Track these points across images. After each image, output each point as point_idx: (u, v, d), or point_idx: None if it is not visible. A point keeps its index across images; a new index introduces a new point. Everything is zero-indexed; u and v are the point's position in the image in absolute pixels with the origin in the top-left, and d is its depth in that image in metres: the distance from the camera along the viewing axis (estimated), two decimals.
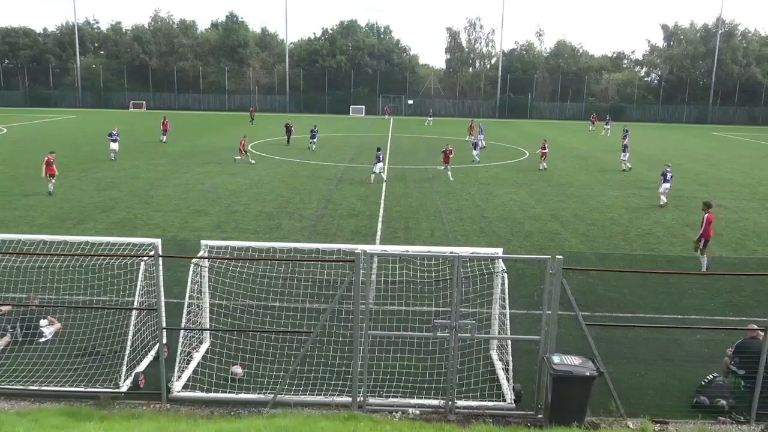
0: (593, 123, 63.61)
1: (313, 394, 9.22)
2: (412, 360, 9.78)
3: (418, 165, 34.44)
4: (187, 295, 9.77)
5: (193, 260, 9.94)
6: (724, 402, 9.48)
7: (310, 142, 40.19)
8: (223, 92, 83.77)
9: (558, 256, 8.78)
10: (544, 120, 74.45)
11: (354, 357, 8.95)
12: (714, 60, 79.37)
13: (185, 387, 9.36)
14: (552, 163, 35.70)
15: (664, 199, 24.70)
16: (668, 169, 25.20)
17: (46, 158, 24.53)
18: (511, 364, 9.57)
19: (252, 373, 9.67)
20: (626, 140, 37.42)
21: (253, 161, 33.77)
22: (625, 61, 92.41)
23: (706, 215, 16.25)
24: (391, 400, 9.16)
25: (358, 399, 9.02)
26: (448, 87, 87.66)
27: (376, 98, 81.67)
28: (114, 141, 33.75)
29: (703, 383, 9.78)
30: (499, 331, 10.26)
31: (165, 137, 43.21)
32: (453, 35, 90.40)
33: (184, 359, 9.73)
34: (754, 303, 13.39)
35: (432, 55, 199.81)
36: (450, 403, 8.98)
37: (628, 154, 34.52)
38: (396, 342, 9.93)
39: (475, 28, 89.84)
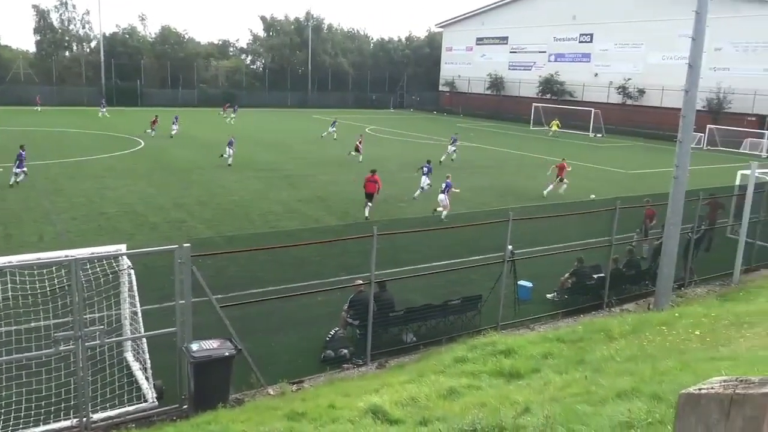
0: (224, 110, 63.89)
1: None
2: (32, 384, 8.57)
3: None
4: None
5: None
6: (345, 351, 10.86)
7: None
8: None
9: (185, 245, 8.73)
10: (157, 107, 71.98)
11: None
12: (309, 51, 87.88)
13: None
14: (172, 151, 35.08)
15: (416, 195, 24.27)
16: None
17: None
18: (149, 362, 9.20)
19: None
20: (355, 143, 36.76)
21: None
22: (231, 49, 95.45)
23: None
24: None
25: None
26: (42, 72, 77.61)
27: None
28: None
29: (327, 339, 11.02)
30: (131, 331, 9.74)
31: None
32: (41, 14, 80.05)
33: None
34: (360, 261, 15.49)
35: (18, 36, 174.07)
36: (84, 419, 8.21)
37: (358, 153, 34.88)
38: (9, 368, 8.57)
39: (67, 8, 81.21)
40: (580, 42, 69.98)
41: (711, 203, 17.23)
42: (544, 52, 74.08)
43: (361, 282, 11.40)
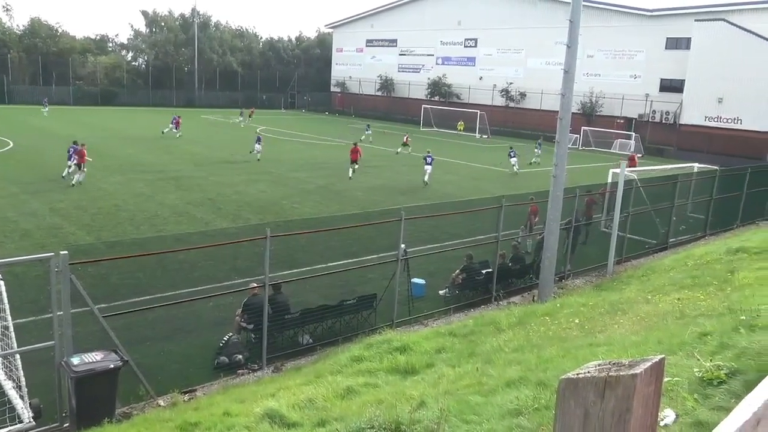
0: (251, 115, 60.39)
1: None
2: None
3: None
4: None
5: None
6: (240, 356, 10.62)
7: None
8: None
9: (62, 252, 8.19)
10: (27, 105, 66.82)
11: None
12: (195, 48, 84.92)
13: None
14: (48, 152, 32.70)
15: (426, 179, 29.41)
16: (429, 154, 30.60)
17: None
18: (23, 379, 8.53)
19: None
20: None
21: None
22: (111, 45, 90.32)
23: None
24: None
25: None
26: None
27: None
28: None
29: (221, 345, 10.73)
30: (2, 347, 8.98)
31: None
32: None
33: None
34: (253, 264, 15.19)
35: None
36: None
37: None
38: None
39: None
40: (465, 46, 72.55)
41: (587, 200, 18.47)
42: (432, 55, 76.15)
43: (255, 285, 11.19)
